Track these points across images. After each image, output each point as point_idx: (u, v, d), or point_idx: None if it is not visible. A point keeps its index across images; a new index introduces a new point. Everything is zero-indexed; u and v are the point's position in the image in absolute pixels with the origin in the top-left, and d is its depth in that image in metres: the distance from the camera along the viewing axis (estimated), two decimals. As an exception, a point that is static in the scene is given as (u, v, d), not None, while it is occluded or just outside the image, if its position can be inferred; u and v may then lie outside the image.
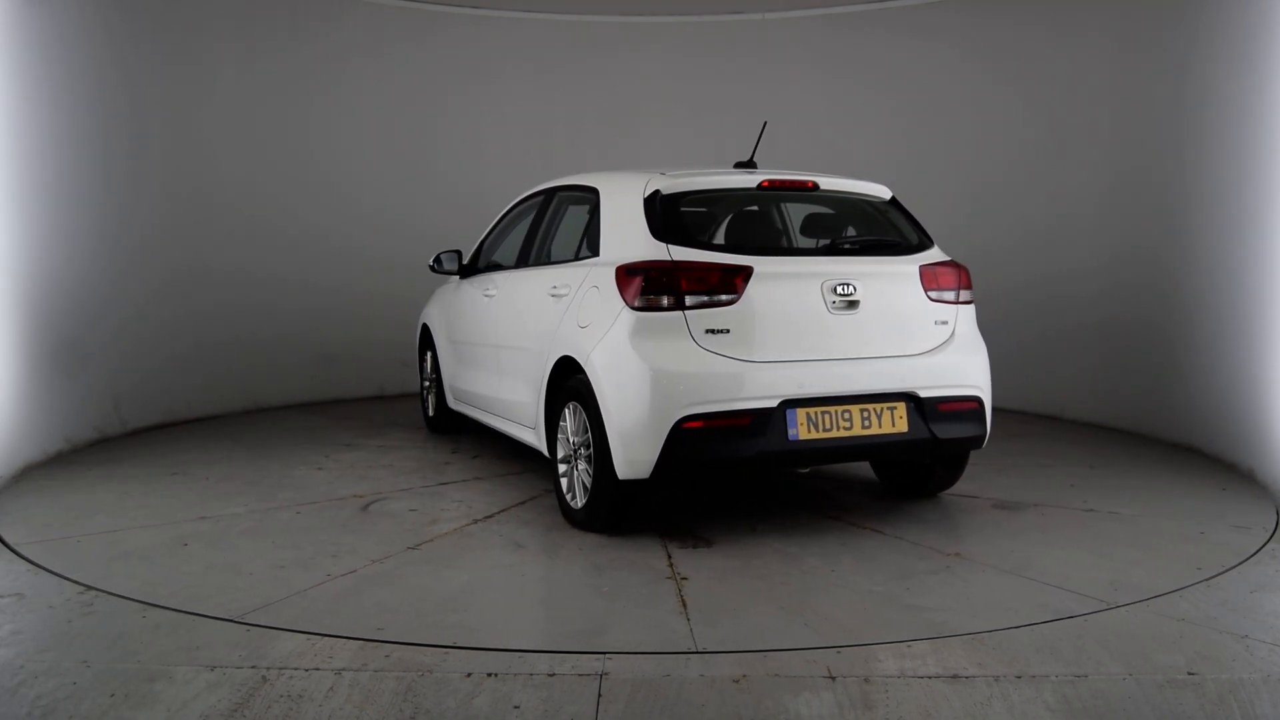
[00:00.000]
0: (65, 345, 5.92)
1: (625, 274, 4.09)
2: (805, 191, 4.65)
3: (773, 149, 8.43)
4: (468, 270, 5.94)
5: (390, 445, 6.28)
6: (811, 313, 4.14)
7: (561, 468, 4.52)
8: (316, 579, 3.75)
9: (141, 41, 6.80)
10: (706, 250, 4.17)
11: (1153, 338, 6.46)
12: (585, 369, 4.22)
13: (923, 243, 4.63)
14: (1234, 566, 3.86)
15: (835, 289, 4.17)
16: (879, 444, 4.20)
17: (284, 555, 4.05)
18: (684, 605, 3.45)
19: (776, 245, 4.91)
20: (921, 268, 4.41)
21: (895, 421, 4.17)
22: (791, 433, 4.01)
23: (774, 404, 3.99)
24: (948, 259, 4.56)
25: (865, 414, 4.13)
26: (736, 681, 2.83)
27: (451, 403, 6.20)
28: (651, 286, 4.01)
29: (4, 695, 2.74)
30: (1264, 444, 5.22)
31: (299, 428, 6.88)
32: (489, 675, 2.87)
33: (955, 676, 2.86)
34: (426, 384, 6.74)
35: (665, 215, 4.25)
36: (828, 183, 4.63)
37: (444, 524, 4.51)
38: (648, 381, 3.94)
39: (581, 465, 4.34)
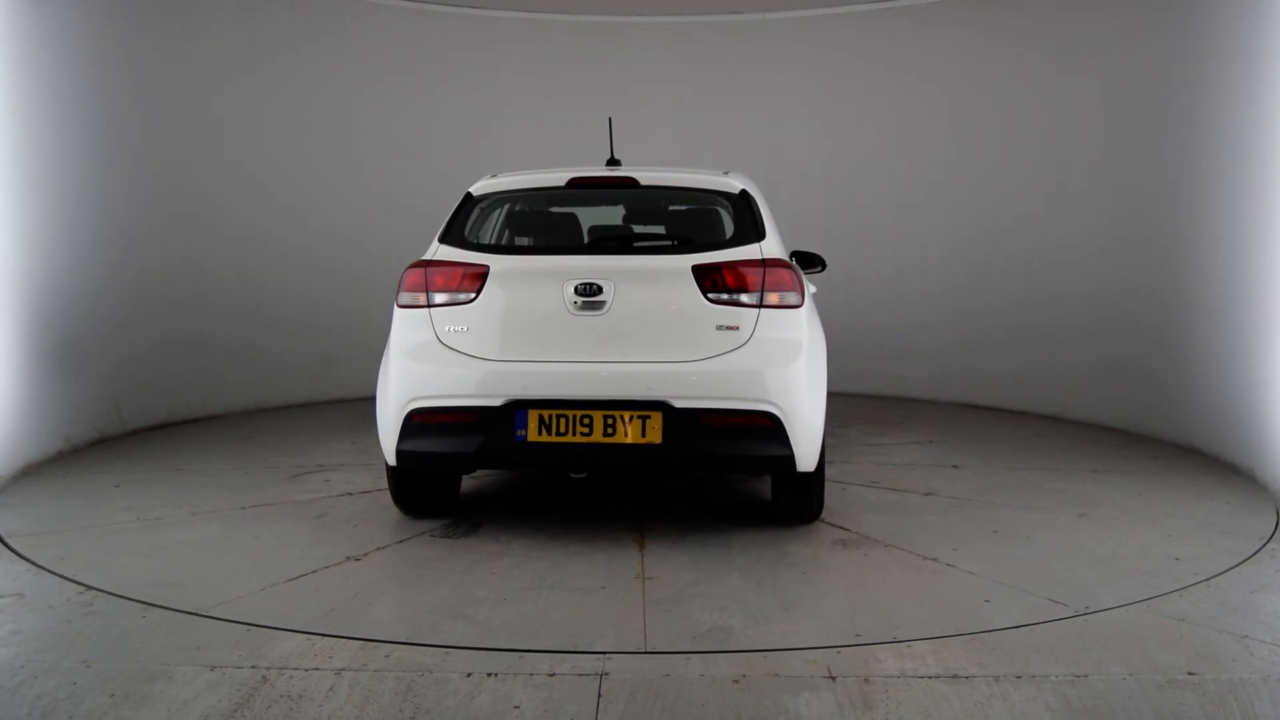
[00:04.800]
0: (65, 345, 5.92)
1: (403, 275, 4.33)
2: (626, 189, 4.61)
3: (774, 148, 8.46)
4: None
5: None
6: (549, 313, 4.03)
7: None
8: (121, 522, 4.48)
9: (143, 40, 6.80)
10: (463, 250, 4.25)
11: (1153, 337, 6.46)
12: None
13: (738, 238, 4.24)
14: (1234, 567, 3.86)
15: (577, 289, 4.01)
16: (623, 453, 3.92)
17: (149, 502, 4.80)
18: (295, 579, 3.70)
19: (528, 245, 4.88)
20: (695, 267, 4.04)
21: (647, 432, 3.89)
22: (519, 434, 3.94)
23: (498, 403, 3.96)
24: (757, 258, 4.10)
25: (609, 421, 3.91)
26: (736, 681, 2.83)
27: None
28: (408, 285, 4.20)
29: (4, 695, 2.74)
30: (1264, 444, 5.22)
31: None
32: (489, 675, 2.87)
33: (955, 676, 2.86)
34: None
35: (460, 216, 4.45)
36: (654, 177, 4.54)
37: (317, 493, 4.99)
38: (389, 374, 4.17)
39: None
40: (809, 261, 5.39)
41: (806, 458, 4.03)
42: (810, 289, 4.75)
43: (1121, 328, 6.75)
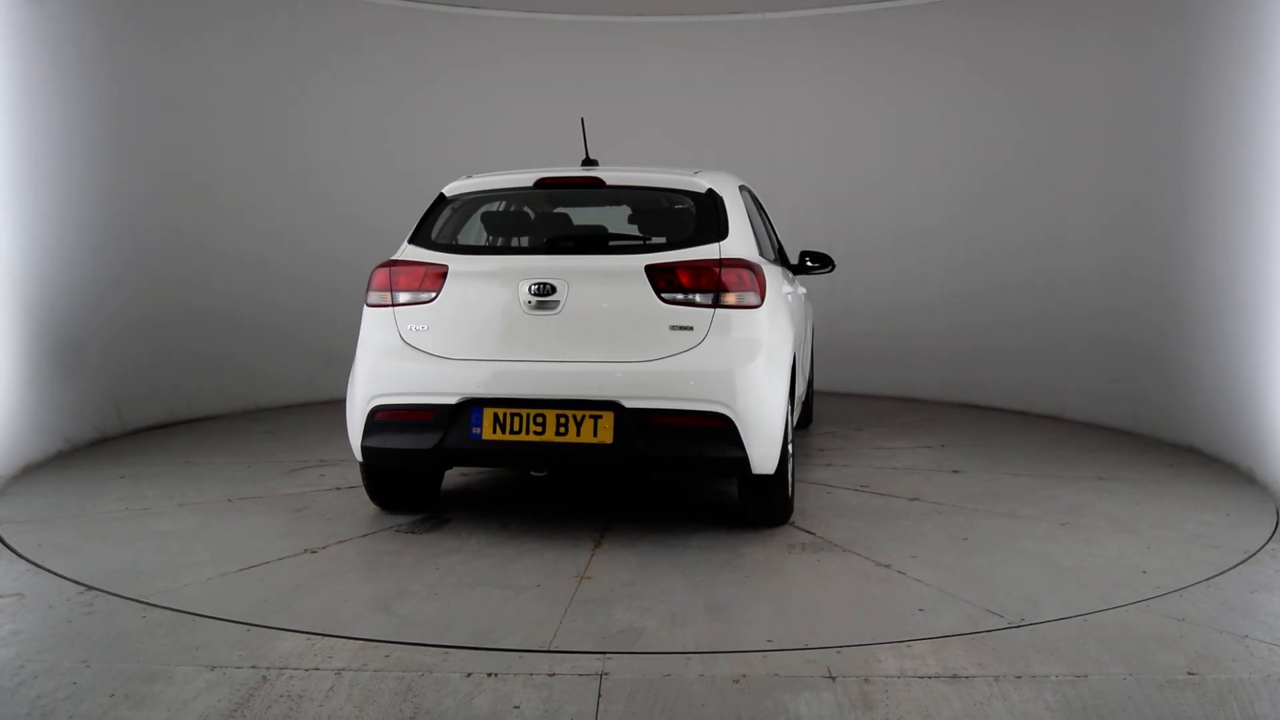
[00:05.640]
0: (65, 345, 5.92)
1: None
2: (593, 188, 4.63)
3: (774, 148, 8.46)
4: None
5: None
6: (505, 312, 4.06)
7: None
8: (110, 512, 4.60)
9: (144, 42, 6.80)
10: (428, 250, 4.31)
11: (1153, 337, 6.46)
12: None
13: (698, 238, 4.17)
14: (1234, 567, 3.86)
15: (531, 288, 4.02)
16: (576, 452, 3.95)
17: (145, 493, 4.93)
18: (246, 569, 3.80)
19: (488, 244, 4.94)
20: (648, 267, 4.02)
21: (599, 431, 3.91)
22: (474, 431, 3.99)
23: (454, 401, 4.01)
24: (714, 257, 4.05)
25: (562, 420, 3.93)
26: (736, 681, 2.83)
27: None
28: (375, 284, 4.30)
29: (4, 695, 2.74)
30: (1264, 444, 5.21)
31: None
32: (489, 675, 2.87)
33: (955, 676, 2.86)
34: None
35: (431, 217, 4.51)
36: (620, 177, 4.56)
37: (307, 487, 5.10)
38: (357, 371, 4.27)
39: None
40: (820, 261, 5.38)
41: (762, 460, 3.98)
42: (795, 289, 4.71)
43: (1122, 327, 6.75)
